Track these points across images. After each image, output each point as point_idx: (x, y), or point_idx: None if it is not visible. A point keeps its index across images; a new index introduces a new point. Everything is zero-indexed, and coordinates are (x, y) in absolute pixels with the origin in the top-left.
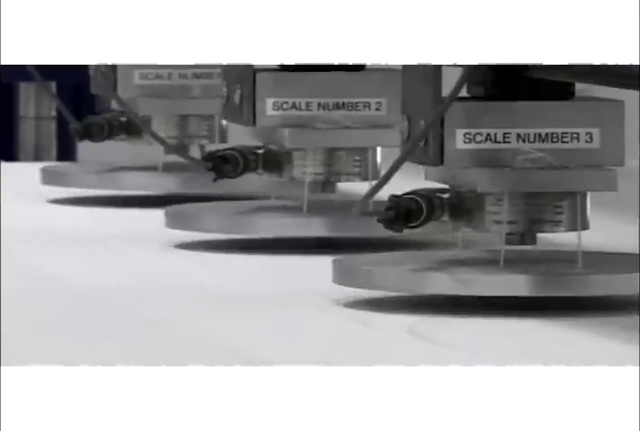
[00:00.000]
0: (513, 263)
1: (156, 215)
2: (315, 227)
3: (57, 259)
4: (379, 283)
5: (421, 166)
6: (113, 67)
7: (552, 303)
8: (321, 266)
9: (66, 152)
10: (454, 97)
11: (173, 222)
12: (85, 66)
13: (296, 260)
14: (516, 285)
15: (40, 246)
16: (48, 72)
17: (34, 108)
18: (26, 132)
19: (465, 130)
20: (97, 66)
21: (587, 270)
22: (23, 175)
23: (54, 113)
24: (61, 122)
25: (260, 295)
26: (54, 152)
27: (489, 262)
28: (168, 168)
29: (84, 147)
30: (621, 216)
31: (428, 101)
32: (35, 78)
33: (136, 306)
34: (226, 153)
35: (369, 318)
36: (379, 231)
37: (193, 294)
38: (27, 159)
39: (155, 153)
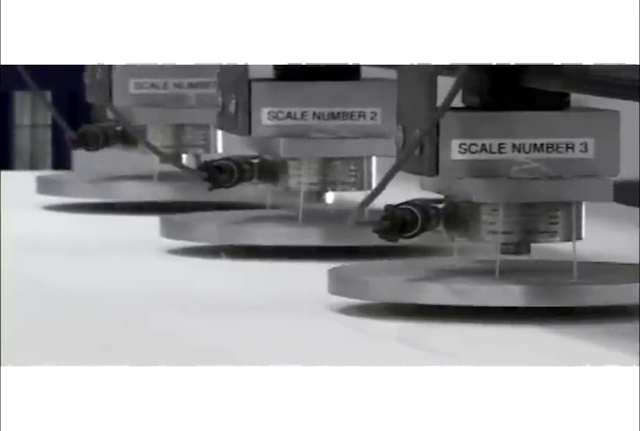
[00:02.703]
0: (509, 273)
1: (151, 221)
2: (310, 237)
3: (52, 265)
4: (375, 293)
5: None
6: (109, 76)
7: (547, 312)
8: (315, 272)
9: (61, 160)
10: (449, 103)
11: (167, 231)
12: (81, 75)
13: (290, 266)
14: (512, 295)
15: (35, 252)
16: (43, 80)
17: (30, 116)
18: (21, 140)
19: (460, 141)
20: (93, 75)
21: (582, 280)
22: (18, 183)
23: (49, 121)
24: (57, 130)
25: (253, 301)
26: (49, 160)
27: (485, 272)
28: (164, 177)
29: (80, 156)
30: (615, 222)
31: (423, 111)
32: (31, 87)
33: (132, 311)
34: (222, 163)
35: (363, 324)
36: (375, 240)
37: (187, 299)
38: (22, 167)
39: (151, 163)
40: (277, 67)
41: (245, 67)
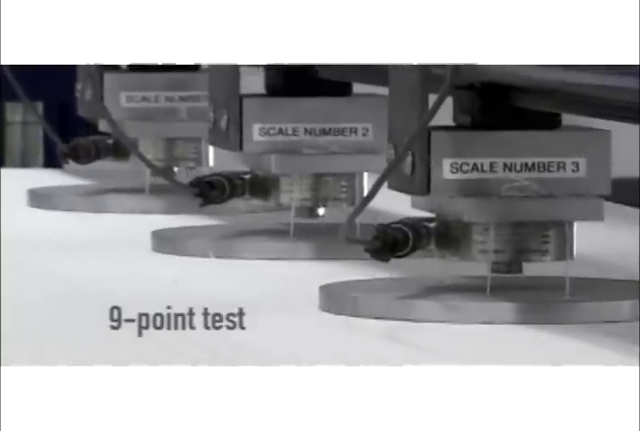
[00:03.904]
0: (500, 290)
1: (141, 220)
2: (301, 252)
3: (41, 262)
4: (366, 310)
5: None
6: (100, 89)
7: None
8: (306, 271)
9: (52, 158)
10: (438, 106)
11: (158, 245)
12: (72, 86)
13: (281, 265)
14: (503, 312)
15: (26, 250)
16: (34, 92)
17: (21, 113)
18: (13, 138)
19: (451, 160)
20: (84, 89)
21: (574, 297)
22: (9, 181)
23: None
24: None
25: (244, 300)
26: (41, 158)
27: (476, 289)
28: (155, 190)
29: (71, 168)
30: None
31: (414, 129)
32: (21, 98)
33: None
34: (213, 179)
35: (351, 321)
36: (365, 255)
37: (174, 298)
38: (13, 165)
39: (142, 176)
40: (268, 84)
41: (237, 83)
